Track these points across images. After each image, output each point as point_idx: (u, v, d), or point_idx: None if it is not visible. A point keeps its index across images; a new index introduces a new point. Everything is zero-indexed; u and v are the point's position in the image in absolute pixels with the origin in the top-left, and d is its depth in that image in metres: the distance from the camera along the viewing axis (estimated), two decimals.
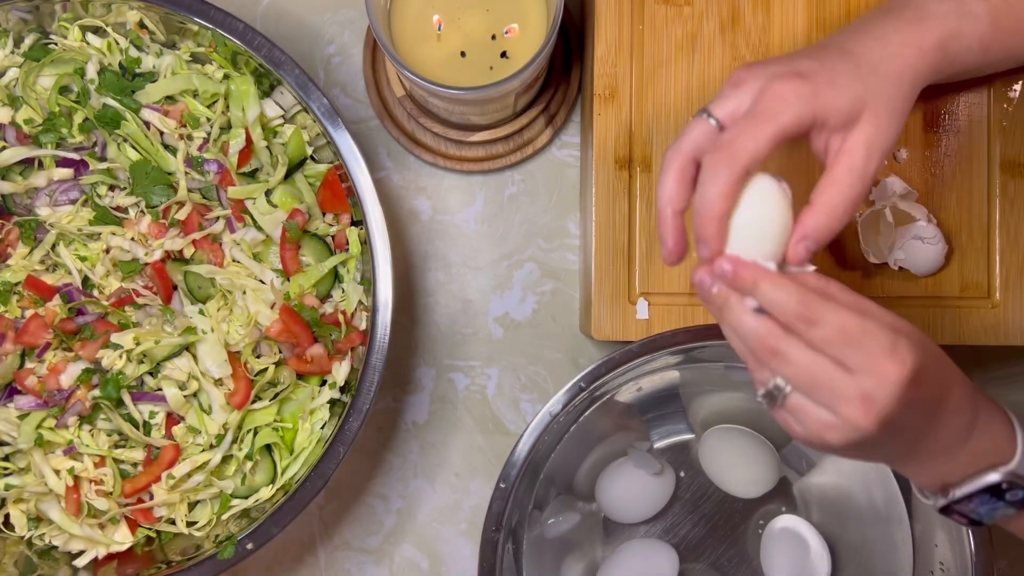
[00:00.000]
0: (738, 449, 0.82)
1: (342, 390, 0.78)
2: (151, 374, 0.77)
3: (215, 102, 0.78)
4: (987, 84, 0.78)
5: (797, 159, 0.77)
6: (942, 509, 0.60)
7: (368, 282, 0.75)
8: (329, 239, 0.78)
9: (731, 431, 0.82)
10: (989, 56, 0.66)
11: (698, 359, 0.77)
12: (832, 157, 0.58)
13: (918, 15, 0.62)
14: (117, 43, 0.78)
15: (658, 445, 0.85)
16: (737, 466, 0.82)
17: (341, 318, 0.77)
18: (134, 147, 0.77)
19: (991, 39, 0.64)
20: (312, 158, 0.79)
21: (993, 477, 0.58)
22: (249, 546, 0.73)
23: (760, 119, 0.56)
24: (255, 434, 0.77)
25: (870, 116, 0.58)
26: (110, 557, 0.77)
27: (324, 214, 0.79)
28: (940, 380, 0.55)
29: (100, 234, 0.77)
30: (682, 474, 0.85)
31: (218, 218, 0.77)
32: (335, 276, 0.78)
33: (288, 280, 0.78)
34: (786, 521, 0.82)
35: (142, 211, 0.78)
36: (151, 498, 0.76)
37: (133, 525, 0.77)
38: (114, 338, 0.75)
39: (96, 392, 0.75)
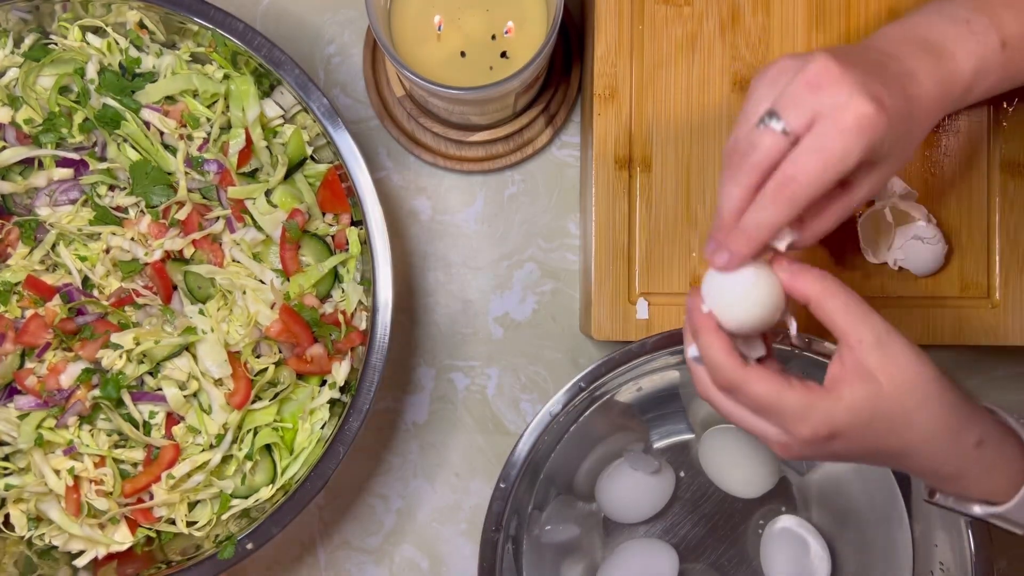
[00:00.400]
0: (738, 449, 0.82)
1: (342, 390, 0.78)
2: (151, 374, 0.77)
3: (215, 102, 0.78)
4: None
5: None
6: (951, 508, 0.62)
7: (368, 282, 0.75)
8: (329, 239, 0.78)
9: (731, 431, 0.82)
10: (1004, 85, 0.64)
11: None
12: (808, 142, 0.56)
13: (944, 52, 0.59)
14: (117, 43, 0.78)
15: (658, 445, 0.85)
16: (737, 466, 0.82)
17: (341, 318, 0.77)
18: (134, 147, 0.77)
19: (1012, 70, 0.62)
20: (312, 158, 0.79)
21: (977, 511, 0.60)
22: (249, 546, 0.73)
23: (830, 156, 0.53)
24: (255, 434, 0.77)
25: (893, 159, 0.57)
26: (110, 557, 0.77)
27: (324, 214, 0.79)
28: (872, 443, 0.56)
29: (100, 234, 0.77)
30: (682, 474, 0.85)
31: (218, 218, 0.77)
32: (335, 276, 0.78)
33: (288, 280, 0.78)
34: (786, 521, 0.82)
35: (142, 211, 0.78)
36: (151, 498, 0.76)
37: (133, 525, 0.77)
38: (114, 338, 0.75)
39: (96, 392, 0.75)
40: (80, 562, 0.76)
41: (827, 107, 0.53)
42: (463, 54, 0.74)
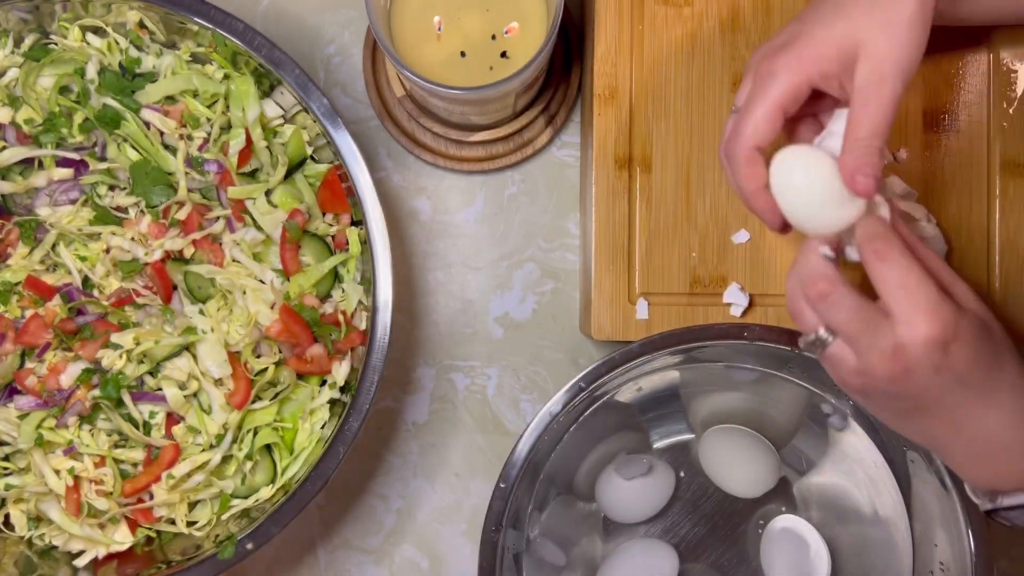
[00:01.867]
0: (738, 449, 0.82)
1: (342, 390, 0.78)
2: (151, 374, 0.77)
3: (215, 102, 0.78)
4: (987, 84, 0.78)
5: None
6: (988, 512, 0.61)
7: (368, 282, 0.75)
8: (329, 239, 0.78)
9: (731, 431, 0.82)
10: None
11: (698, 359, 0.77)
12: (850, 96, 0.59)
13: None
14: (117, 43, 0.78)
15: (658, 445, 0.85)
16: (737, 466, 0.82)
17: (341, 318, 0.77)
18: (134, 147, 0.77)
19: None
20: (312, 158, 0.79)
21: None
22: (249, 546, 0.73)
23: (753, 100, 0.61)
24: (255, 434, 0.77)
25: (867, 45, 0.59)
26: (110, 557, 0.77)
27: (324, 214, 0.79)
28: (980, 361, 0.56)
29: (100, 234, 0.77)
30: (682, 474, 0.85)
31: (218, 218, 0.77)
32: (335, 276, 0.78)
33: (288, 280, 0.78)
34: (786, 521, 0.82)
35: (142, 211, 0.78)
36: (151, 498, 0.76)
37: (133, 525, 0.77)
38: (114, 338, 0.75)
39: (96, 392, 0.75)
40: (80, 562, 0.76)
41: (751, 78, 0.63)
42: (463, 54, 0.74)
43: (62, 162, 0.77)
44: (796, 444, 0.84)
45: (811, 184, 0.58)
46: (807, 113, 0.65)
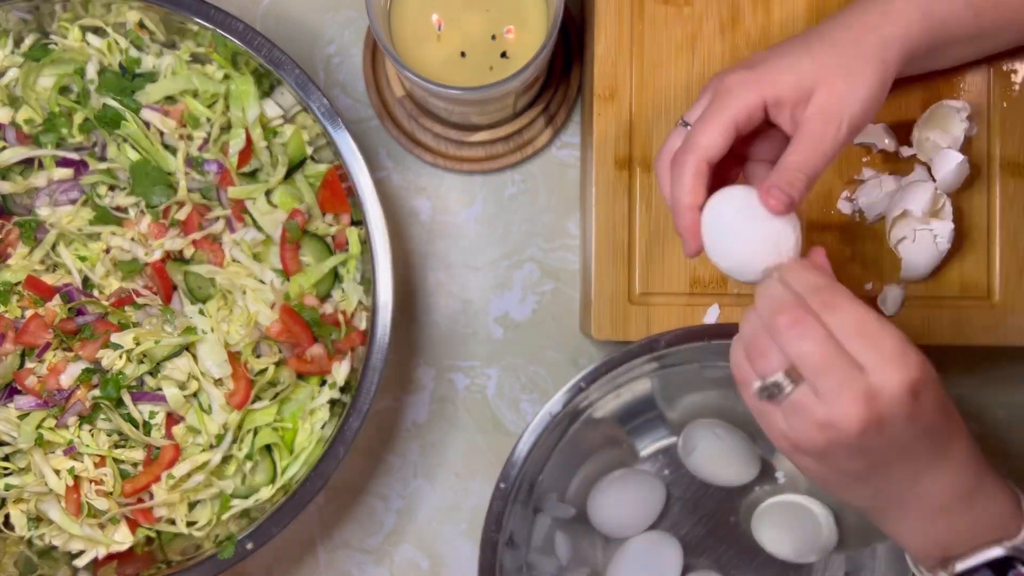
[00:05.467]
0: (716, 439, 0.81)
1: (342, 390, 0.78)
2: (151, 374, 0.77)
3: (215, 102, 0.78)
4: (987, 84, 0.78)
5: None
6: None
7: (368, 282, 0.75)
8: (329, 239, 0.78)
9: (708, 424, 0.82)
10: (981, 20, 0.66)
11: (672, 363, 0.77)
12: (796, 128, 0.61)
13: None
14: (117, 43, 0.78)
15: (644, 453, 0.85)
16: (719, 456, 0.82)
17: (341, 318, 0.77)
18: (134, 147, 0.77)
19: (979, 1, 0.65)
20: (312, 158, 0.79)
21: (997, 552, 0.56)
22: (249, 546, 0.73)
23: (710, 113, 0.61)
24: (255, 434, 0.77)
25: (824, 85, 0.60)
26: (110, 557, 0.77)
27: (324, 214, 0.79)
28: (942, 412, 0.54)
29: (100, 234, 0.77)
30: (668, 473, 0.85)
31: (218, 218, 0.77)
32: (335, 276, 0.78)
33: (288, 280, 0.78)
34: (779, 499, 0.83)
35: (142, 211, 0.78)
36: (151, 498, 0.76)
37: (133, 525, 0.77)
38: (114, 338, 0.75)
39: (96, 392, 0.75)
40: (80, 562, 0.76)
41: (709, 95, 0.63)
42: (463, 54, 0.74)
43: (62, 162, 0.77)
44: None
45: (743, 222, 0.58)
46: (742, 154, 0.65)
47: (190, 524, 0.77)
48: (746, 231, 0.59)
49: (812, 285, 0.53)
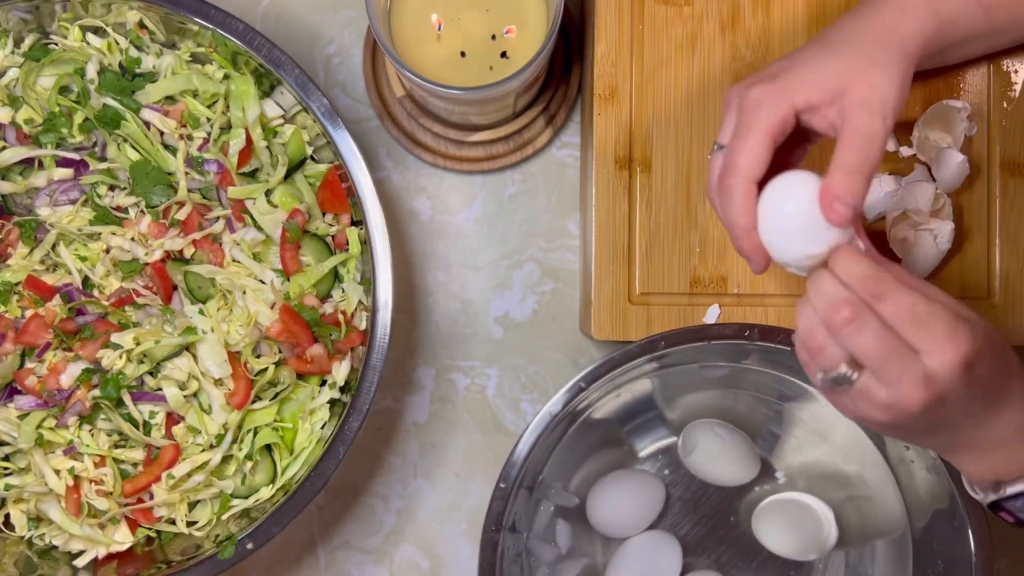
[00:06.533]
0: (716, 438, 0.81)
1: (342, 390, 0.78)
2: (151, 374, 0.77)
3: (215, 102, 0.78)
4: (987, 84, 0.78)
5: None
6: (990, 505, 0.61)
7: (368, 282, 0.75)
8: (329, 239, 0.78)
9: (708, 424, 0.82)
10: (992, 17, 0.67)
11: (673, 363, 0.77)
12: (839, 128, 0.60)
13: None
14: (117, 43, 0.78)
15: (643, 453, 0.85)
16: (718, 456, 0.82)
17: (341, 318, 0.77)
18: (134, 147, 0.77)
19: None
20: (312, 158, 0.79)
21: None
22: (249, 546, 0.73)
23: (742, 132, 0.60)
24: (255, 434, 0.77)
25: (857, 80, 0.60)
26: (110, 557, 0.77)
27: (324, 214, 0.79)
28: (999, 368, 0.56)
29: (100, 234, 0.77)
30: (668, 472, 0.85)
31: (218, 218, 0.77)
32: (335, 276, 0.78)
33: (288, 280, 0.78)
34: (778, 497, 0.83)
35: (142, 211, 0.78)
36: (151, 498, 0.76)
37: (133, 525, 0.77)
38: (114, 338, 0.75)
39: (96, 392, 0.75)
40: (80, 562, 0.76)
41: (735, 113, 0.62)
42: (463, 54, 0.74)
43: (62, 162, 0.77)
44: (772, 427, 0.84)
45: (797, 209, 0.57)
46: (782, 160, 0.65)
47: (190, 524, 0.77)
48: (792, 223, 0.58)
49: (861, 275, 0.55)
